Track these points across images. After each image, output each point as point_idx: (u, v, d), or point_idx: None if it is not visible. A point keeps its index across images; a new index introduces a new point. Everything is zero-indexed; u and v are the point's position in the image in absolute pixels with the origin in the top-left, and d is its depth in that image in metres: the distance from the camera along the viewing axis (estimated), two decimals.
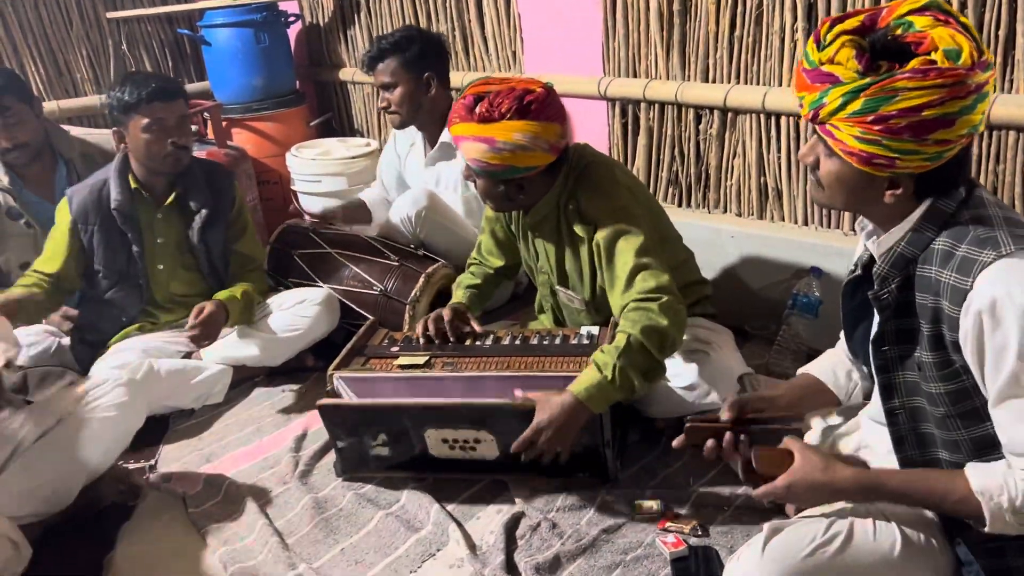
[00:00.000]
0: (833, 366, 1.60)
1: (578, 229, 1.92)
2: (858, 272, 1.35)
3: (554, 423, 1.68)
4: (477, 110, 1.81)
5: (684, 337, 1.95)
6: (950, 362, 1.20)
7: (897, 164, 1.17)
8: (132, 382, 2.01)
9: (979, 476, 1.18)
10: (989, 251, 1.13)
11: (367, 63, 2.70)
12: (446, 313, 2.05)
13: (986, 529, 1.17)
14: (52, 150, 2.69)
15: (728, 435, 1.43)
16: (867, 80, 1.13)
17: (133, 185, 2.33)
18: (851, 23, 1.20)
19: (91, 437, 1.87)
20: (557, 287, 2.09)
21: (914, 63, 1.13)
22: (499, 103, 1.79)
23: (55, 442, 1.84)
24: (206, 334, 2.27)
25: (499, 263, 2.25)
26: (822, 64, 1.18)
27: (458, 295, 2.19)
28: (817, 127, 1.23)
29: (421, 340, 2.04)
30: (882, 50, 1.16)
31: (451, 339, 2.01)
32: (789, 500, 1.38)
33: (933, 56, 1.13)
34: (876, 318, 1.29)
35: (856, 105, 1.14)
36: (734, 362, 1.98)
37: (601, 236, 1.86)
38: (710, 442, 1.46)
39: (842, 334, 1.58)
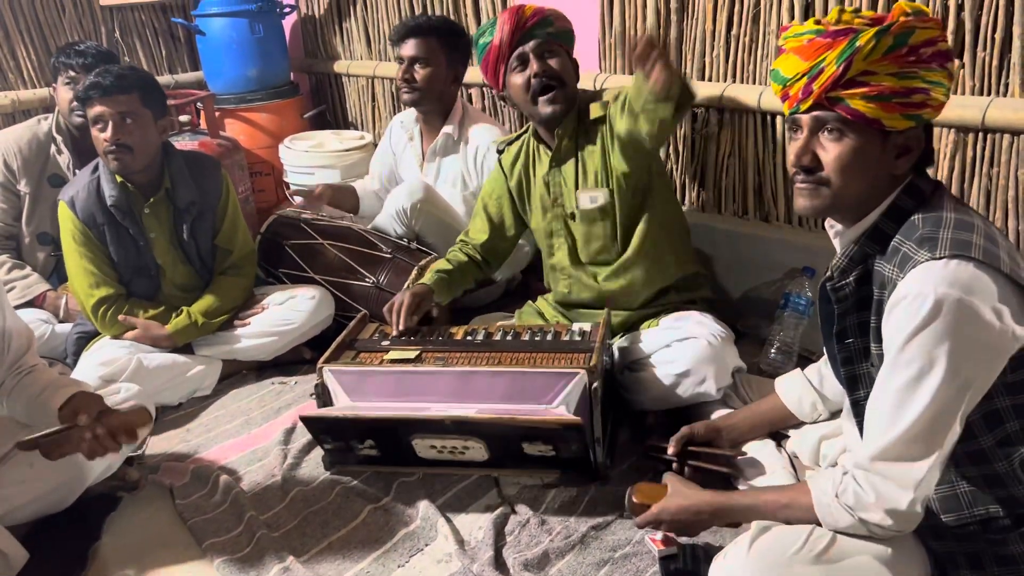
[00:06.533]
0: (800, 395, 1.71)
1: (594, 108, 2.07)
2: (829, 274, 1.37)
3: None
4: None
5: (680, 323, 2.00)
6: None
7: (929, 99, 1.20)
8: (142, 392, 2.00)
9: (814, 478, 1.30)
10: (925, 252, 1.17)
11: (405, 31, 2.66)
12: (408, 300, 2.06)
13: (823, 526, 1.26)
14: None
15: (675, 465, 1.69)
16: (887, 22, 1.19)
17: (119, 179, 2.26)
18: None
19: None
20: (578, 192, 2.10)
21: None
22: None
23: None
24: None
25: (482, 238, 2.30)
26: (835, 24, 1.22)
27: (426, 278, 2.20)
28: (824, 103, 1.22)
29: (395, 331, 2.04)
30: None
31: (417, 327, 2.06)
32: (662, 525, 1.48)
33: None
34: (836, 310, 1.32)
35: (888, 41, 1.18)
36: (731, 354, 1.97)
37: (615, 102, 1.99)
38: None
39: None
